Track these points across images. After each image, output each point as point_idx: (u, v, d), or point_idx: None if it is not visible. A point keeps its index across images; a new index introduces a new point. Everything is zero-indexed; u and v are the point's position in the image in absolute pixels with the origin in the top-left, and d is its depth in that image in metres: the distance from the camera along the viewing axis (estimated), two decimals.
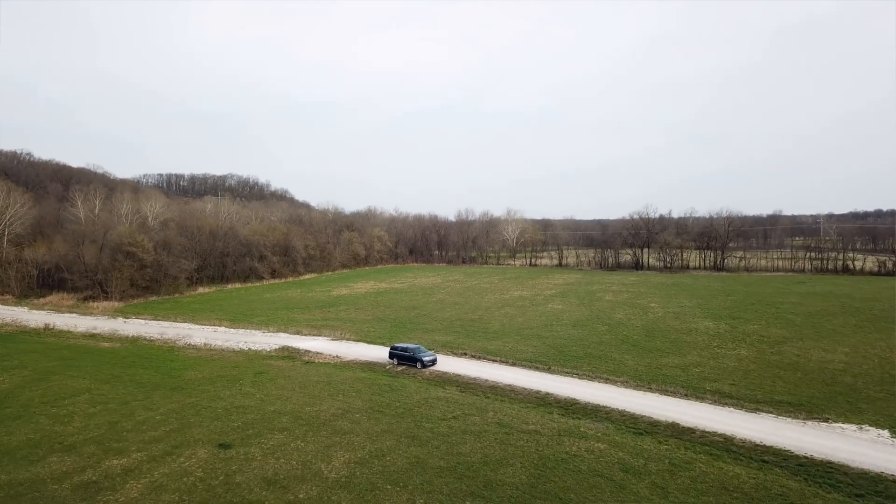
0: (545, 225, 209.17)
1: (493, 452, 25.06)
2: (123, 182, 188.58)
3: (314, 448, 25.77)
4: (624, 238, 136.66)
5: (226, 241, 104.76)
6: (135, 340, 52.54)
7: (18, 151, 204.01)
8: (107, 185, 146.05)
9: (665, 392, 34.22)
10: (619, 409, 30.74)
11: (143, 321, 63.35)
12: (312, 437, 27.19)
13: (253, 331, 56.70)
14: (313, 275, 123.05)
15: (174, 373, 40.14)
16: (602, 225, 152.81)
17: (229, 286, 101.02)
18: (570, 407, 31.37)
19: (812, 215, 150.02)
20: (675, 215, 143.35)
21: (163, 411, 31.50)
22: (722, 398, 32.91)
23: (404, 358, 41.08)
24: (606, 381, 36.90)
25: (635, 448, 25.45)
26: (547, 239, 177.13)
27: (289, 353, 46.15)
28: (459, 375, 38.10)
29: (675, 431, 27.43)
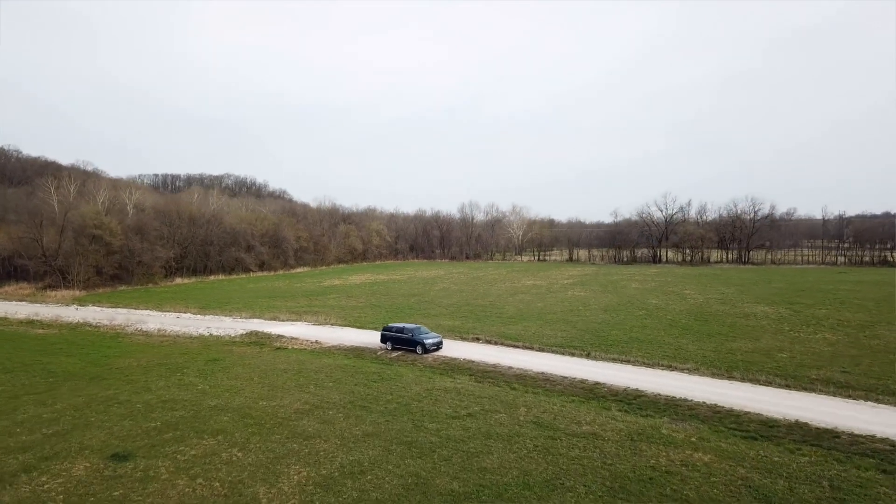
0: (551, 224, 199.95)
1: (537, 468, 15.86)
2: (115, 181, 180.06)
3: (256, 460, 16.59)
4: (640, 228, 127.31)
5: (209, 228, 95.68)
6: (76, 327, 43.41)
7: (6, 147, 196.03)
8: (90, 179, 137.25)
9: (756, 381, 24.98)
10: (706, 402, 21.54)
11: (98, 308, 54.25)
12: (258, 443, 18.00)
13: (222, 317, 47.56)
14: (306, 268, 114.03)
15: (102, 361, 30.99)
16: (613, 224, 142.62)
17: (211, 277, 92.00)
18: (635, 400, 22.15)
19: (825, 219, 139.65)
20: (693, 208, 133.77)
21: (59, 407, 22.34)
22: (840, 389, 23.66)
23: (400, 341, 31.92)
24: (670, 368, 27.68)
25: (759, 461, 16.23)
26: (557, 234, 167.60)
27: (257, 339, 37.00)
28: (473, 362, 28.91)
29: (807, 435, 18.19)
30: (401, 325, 32.87)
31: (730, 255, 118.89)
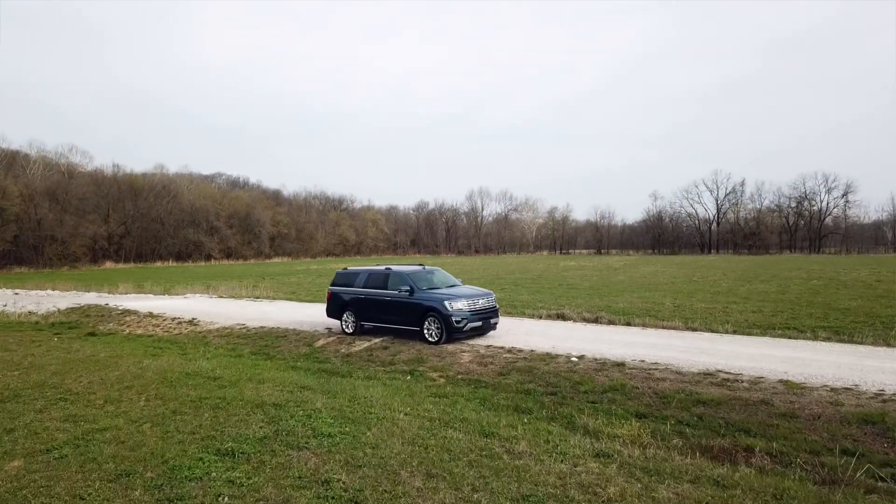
0: (566, 221, 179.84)
1: None
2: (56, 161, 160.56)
3: None
4: (685, 214, 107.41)
5: (158, 201, 76.00)
6: None
7: None
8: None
9: None
10: None
11: None
12: None
13: (86, 293, 27.70)
14: (286, 259, 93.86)
15: None
16: (647, 217, 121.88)
17: (159, 263, 72.10)
18: None
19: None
20: (748, 188, 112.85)
21: None
22: None
23: (380, 309, 11.87)
24: None
25: None
26: (578, 229, 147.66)
27: (80, 316, 17.27)
28: (620, 365, 8.78)
29: None
30: (380, 268, 12.70)
31: (795, 242, 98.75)
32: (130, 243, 72.64)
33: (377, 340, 11.65)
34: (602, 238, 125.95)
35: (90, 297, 24.73)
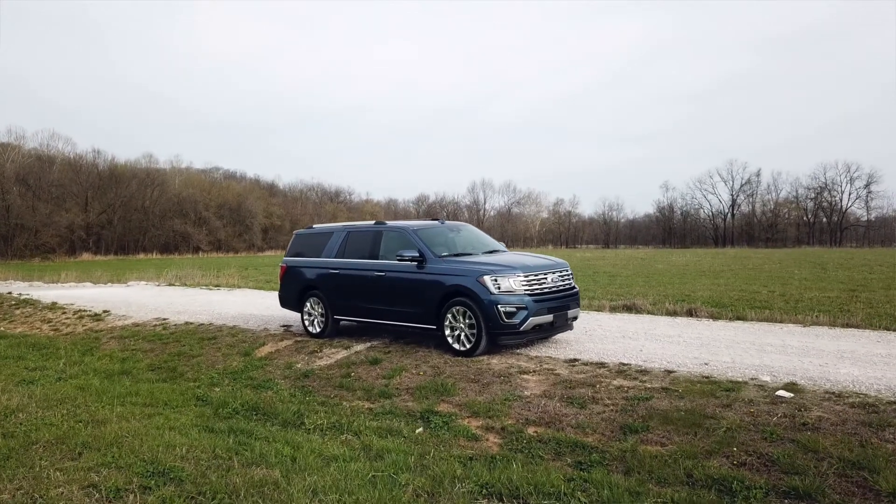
0: (570, 216, 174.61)
1: None
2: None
3: None
4: (697, 206, 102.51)
5: (141, 189, 71.11)
6: None
7: None
8: None
9: None
10: None
11: None
12: None
13: (19, 282, 23.05)
14: (279, 252, 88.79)
15: None
16: (657, 211, 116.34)
17: (141, 256, 67.17)
18: None
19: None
20: (764, 179, 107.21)
21: None
22: None
23: (373, 292, 7.06)
24: None
25: None
26: (582, 226, 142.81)
27: None
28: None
29: None
30: (367, 224, 7.89)
31: (815, 234, 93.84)
32: (111, 234, 67.74)
33: (361, 347, 6.89)
34: (610, 232, 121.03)
35: (17, 287, 19.97)
